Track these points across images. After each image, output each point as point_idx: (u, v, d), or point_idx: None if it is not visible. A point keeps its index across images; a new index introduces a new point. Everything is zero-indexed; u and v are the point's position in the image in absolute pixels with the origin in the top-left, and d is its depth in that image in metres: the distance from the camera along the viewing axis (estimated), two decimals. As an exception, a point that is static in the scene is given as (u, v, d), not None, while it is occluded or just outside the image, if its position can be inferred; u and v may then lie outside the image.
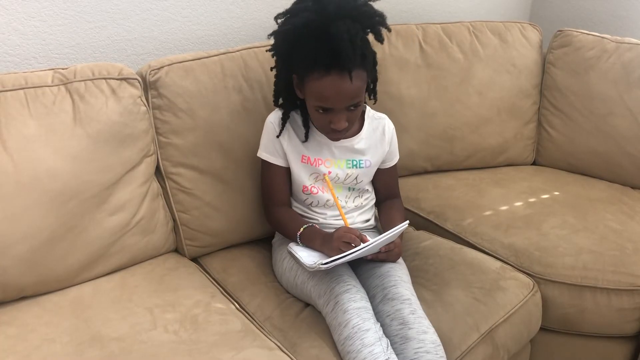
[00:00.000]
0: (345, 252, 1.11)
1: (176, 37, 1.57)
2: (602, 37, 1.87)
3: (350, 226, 1.23)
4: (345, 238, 1.15)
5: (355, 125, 1.30)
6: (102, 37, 1.45)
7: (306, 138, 1.29)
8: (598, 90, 1.82)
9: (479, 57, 1.87)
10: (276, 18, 1.21)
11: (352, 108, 1.19)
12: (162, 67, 1.33)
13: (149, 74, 1.32)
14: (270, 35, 1.22)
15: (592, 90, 1.83)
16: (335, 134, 1.23)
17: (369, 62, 1.19)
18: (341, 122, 1.19)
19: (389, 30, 1.22)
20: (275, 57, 1.26)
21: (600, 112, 1.81)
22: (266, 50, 1.28)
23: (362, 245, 1.12)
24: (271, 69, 1.30)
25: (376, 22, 1.19)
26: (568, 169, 1.92)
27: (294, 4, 1.20)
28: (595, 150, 1.84)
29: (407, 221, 1.21)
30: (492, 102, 1.88)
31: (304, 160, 1.30)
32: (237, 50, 1.45)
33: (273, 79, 1.32)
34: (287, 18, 1.19)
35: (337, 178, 1.31)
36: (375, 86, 1.30)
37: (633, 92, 1.76)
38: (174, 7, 1.54)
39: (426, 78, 1.83)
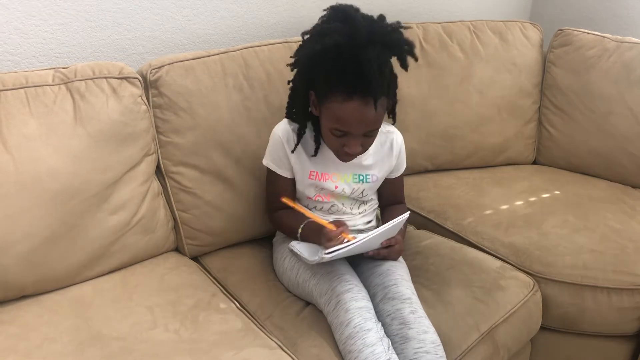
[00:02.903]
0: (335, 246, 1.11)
1: (177, 36, 1.57)
2: (603, 37, 1.87)
3: (339, 228, 1.20)
4: (329, 238, 1.15)
5: None
6: (103, 36, 1.44)
7: (316, 153, 1.27)
8: (599, 90, 1.82)
9: (479, 56, 1.87)
10: (303, 34, 1.18)
11: (368, 135, 1.17)
12: (163, 66, 1.33)
13: (150, 73, 1.32)
14: (297, 52, 1.19)
15: (592, 89, 1.83)
16: (347, 157, 1.22)
17: (392, 90, 1.18)
18: (356, 147, 1.17)
19: (416, 60, 1.19)
20: (295, 70, 1.23)
21: (601, 111, 1.81)
22: (287, 65, 1.24)
23: (363, 236, 1.12)
24: (288, 82, 1.27)
25: (405, 51, 1.16)
26: (568, 168, 1.92)
27: (322, 23, 1.16)
28: (596, 150, 1.84)
29: (408, 212, 1.20)
30: (493, 101, 1.88)
31: (311, 177, 1.29)
32: (238, 50, 1.45)
33: (274, 78, 1.32)
34: (316, 37, 1.15)
35: (343, 192, 1.31)
36: (394, 109, 1.27)
37: (634, 91, 1.76)
38: (175, 6, 1.53)
39: (427, 77, 1.83)
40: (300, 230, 1.26)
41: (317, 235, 1.22)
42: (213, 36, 1.63)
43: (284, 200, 1.26)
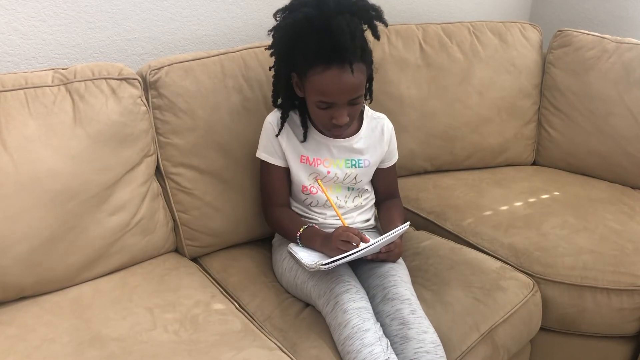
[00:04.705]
0: (345, 252, 1.11)
1: (176, 37, 1.57)
2: (602, 37, 1.87)
3: (348, 225, 1.23)
4: (343, 237, 1.15)
5: (354, 124, 1.31)
6: (102, 37, 1.45)
7: (305, 138, 1.29)
8: (598, 90, 1.82)
9: (479, 57, 1.87)
10: (275, 14, 1.22)
11: (353, 102, 1.19)
12: (162, 67, 1.33)
13: (149, 74, 1.32)
14: (270, 31, 1.22)
15: (592, 90, 1.83)
16: (337, 130, 1.23)
17: (368, 56, 1.20)
18: (343, 117, 1.19)
19: (386, 25, 1.23)
20: (274, 56, 1.26)
21: (601, 112, 1.81)
22: (265, 49, 1.29)
23: (363, 245, 1.13)
24: (270, 68, 1.30)
25: (372, 17, 1.20)
26: (568, 169, 1.92)
27: (293, 0, 1.20)
28: (596, 150, 1.84)
29: (408, 222, 1.21)
30: (492, 102, 1.88)
31: (302, 160, 1.30)
32: (237, 50, 1.45)
33: (272, 79, 1.32)
34: (286, 14, 1.20)
35: (336, 178, 1.31)
36: (371, 85, 1.30)
37: (633, 92, 1.76)
38: (174, 7, 1.54)
39: (426, 78, 1.83)
40: (301, 231, 1.25)
41: (322, 241, 1.21)
42: (213, 37, 1.64)
43: (318, 181, 1.29)
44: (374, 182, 1.41)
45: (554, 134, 1.93)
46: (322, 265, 1.10)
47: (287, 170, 1.34)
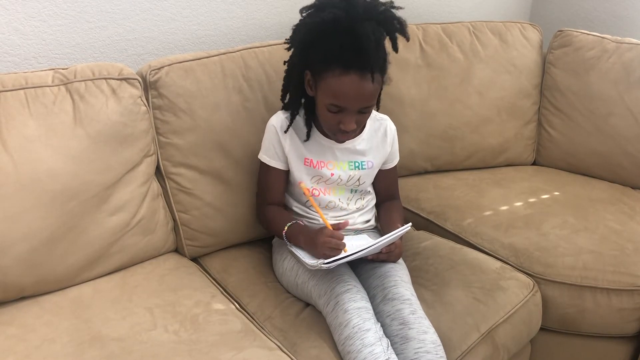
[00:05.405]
0: (334, 256, 1.11)
1: (176, 37, 1.57)
2: (603, 37, 1.87)
3: (332, 227, 1.20)
4: (330, 244, 1.15)
5: None
6: (103, 37, 1.45)
7: (307, 137, 1.29)
8: (598, 91, 1.82)
9: (479, 57, 1.87)
10: (301, 11, 1.20)
11: (363, 111, 1.19)
12: (163, 67, 1.33)
13: (149, 74, 1.32)
14: (295, 26, 1.21)
15: (592, 90, 1.83)
16: (342, 136, 1.23)
17: (386, 68, 1.19)
18: (351, 124, 1.18)
19: (408, 39, 1.21)
20: (292, 49, 1.25)
21: (601, 112, 1.81)
22: (284, 41, 1.27)
23: (365, 246, 1.13)
24: (284, 62, 1.29)
25: (396, 29, 1.19)
26: (568, 169, 1.92)
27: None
28: (596, 150, 1.84)
29: (410, 224, 1.21)
30: (493, 102, 1.88)
31: (306, 163, 1.30)
32: (238, 51, 1.45)
33: (273, 79, 1.33)
34: (314, 11, 1.18)
35: (339, 180, 1.31)
36: (380, 93, 1.29)
37: (633, 92, 1.76)
38: (175, 7, 1.54)
39: (426, 78, 1.83)
40: (286, 228, 1.26)
41: (305, 240, 1.22)
42: (213, 37, 1.64)
43: (301, 185, 1.27)
44: (374, 183, 1.41)
45: (554, 134, 1.93)
46: (324, 264, 1.10)
47: (285, 173, 1.34)
